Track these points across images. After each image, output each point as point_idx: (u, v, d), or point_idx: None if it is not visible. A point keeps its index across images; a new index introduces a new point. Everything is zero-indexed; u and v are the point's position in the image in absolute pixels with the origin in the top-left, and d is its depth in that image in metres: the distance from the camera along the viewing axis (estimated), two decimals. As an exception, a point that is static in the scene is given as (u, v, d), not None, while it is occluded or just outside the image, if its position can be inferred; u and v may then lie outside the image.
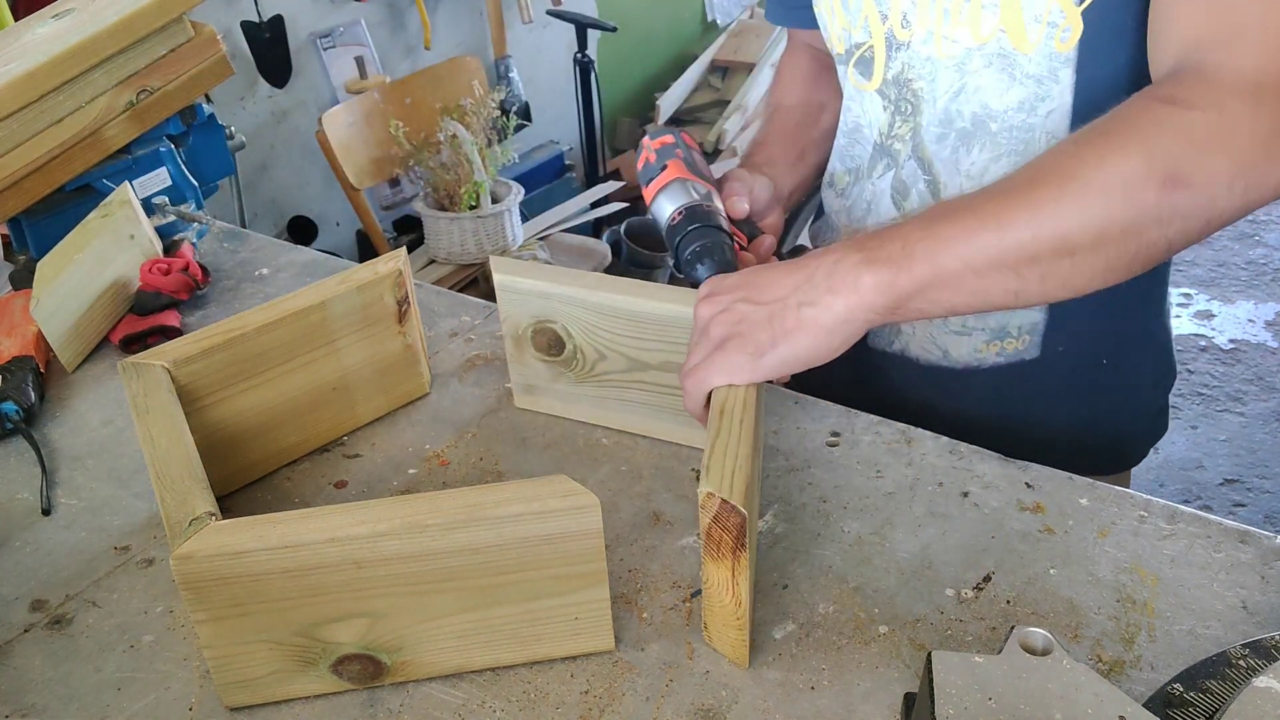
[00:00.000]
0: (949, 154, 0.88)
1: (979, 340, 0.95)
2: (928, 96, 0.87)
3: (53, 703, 0.69)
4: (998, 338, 0.94)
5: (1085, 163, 0.66)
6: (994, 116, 0.84)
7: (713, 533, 0.63)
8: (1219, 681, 0.58)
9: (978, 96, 0.84)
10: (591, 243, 2.81)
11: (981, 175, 0.86)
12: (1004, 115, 0.83)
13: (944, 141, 0.87)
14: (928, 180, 0.90)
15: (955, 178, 0.88)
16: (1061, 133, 0.82)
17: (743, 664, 0.68)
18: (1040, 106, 0.82)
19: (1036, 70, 0.80)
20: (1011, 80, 0.81)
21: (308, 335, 0.88)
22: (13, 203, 1.15)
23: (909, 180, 0.91)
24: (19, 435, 0.96)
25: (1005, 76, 0.82)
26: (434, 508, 0.64)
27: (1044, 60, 0.80)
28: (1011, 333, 0.94)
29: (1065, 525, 0.78)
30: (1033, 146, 0.83)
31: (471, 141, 2.47)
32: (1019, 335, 0.94)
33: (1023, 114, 0.83)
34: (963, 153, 0.87)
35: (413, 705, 0.67)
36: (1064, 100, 0.81)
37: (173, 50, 1.22)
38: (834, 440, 0.89)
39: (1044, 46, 0.79)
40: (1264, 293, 3.24)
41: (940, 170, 0.89)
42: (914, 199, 0.92)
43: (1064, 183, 0.66)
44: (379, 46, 2.87)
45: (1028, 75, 0.81)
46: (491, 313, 1.11)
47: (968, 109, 0.85)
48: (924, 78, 0.87)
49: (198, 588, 0.63)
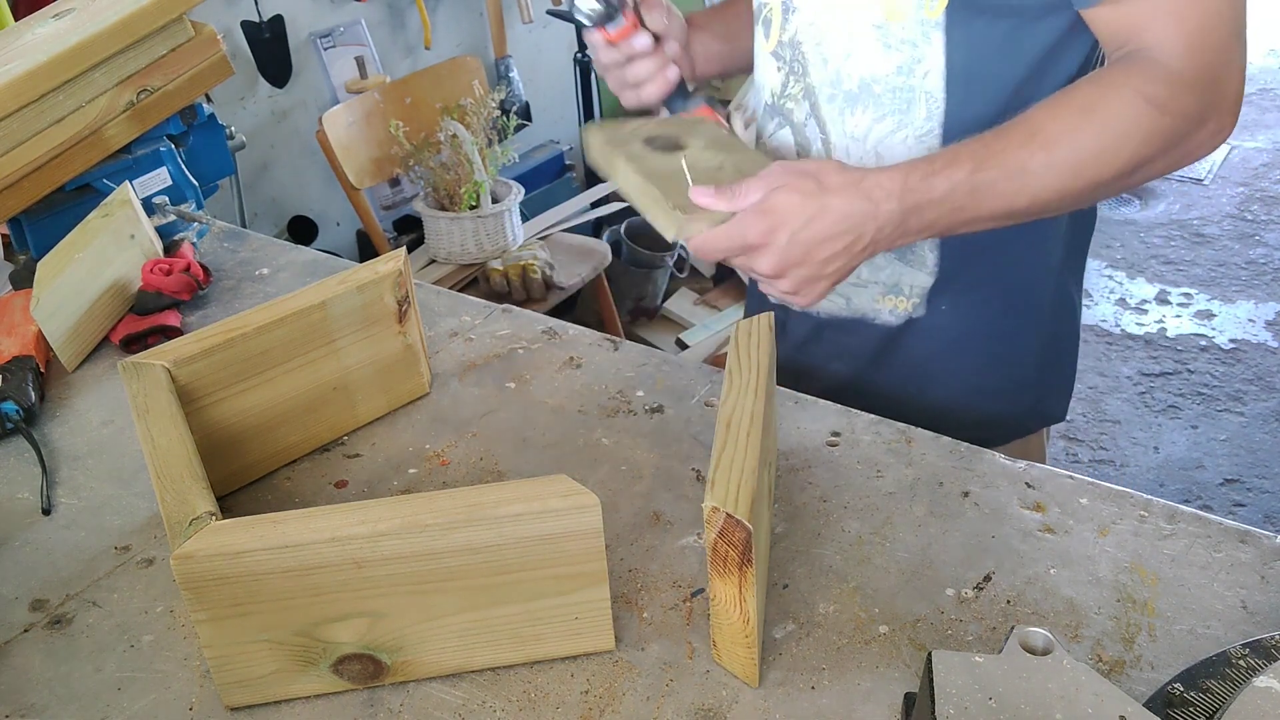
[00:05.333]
0: (837, 114, 0.93)
1: (874, 292, 1.00)
2: (816, 59, 0.93)
3: (53, 703, 0.69)
4: (891, 293, 1.00)
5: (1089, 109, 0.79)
6: (877, 80, 0.90)
7: (718, 548, 0.62)
8: (1219, 681, 0.58)
9: (863, 61, 0.90)
10: (592, 243, 2.81)
11: (865, 136, 0.92)
12: (885, 79, 0.89)
13: (833, 103, 0.93)
14: (823, 139, 0.96)
15: (841, 138, 0.94)
16: (938, 92, 0.88)
17: (753, 683, 0.66)
18: (917, 69, 0.88)
19: (910, 35, 0.87)
20: (888, 47, 0.88)
21: (308, 335, 0.88)
22: (13, 203, 1.15)
23: (811, 138, 0.97)
24: (19, 435, 0.96)
25: (882, 45, 0.88)
26: (434, 507, 0.64)
27: (916, 26, 0.86)
28: (904, 291, 0.99)
29: (1065, 525, 0.78)
30: (912, 106, 0.89)
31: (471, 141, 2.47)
32: (910, 295, 0.99)
33: (901, 77, 0.89)
34: (848, 113, 0.93)
35: (413, 705, 0.67)
36: (938, 62, 0.87)
37: (173, 50, 1.22)
38: (834, 440, 0.89)
39: (914, 14, 0.86)
40: (1264, 293, 3.24)
41: (831, 129, 0.95)
42: (814, 155, 0.96)
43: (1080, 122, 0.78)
44: (379, 46, 2.87)
45: (902, 41, 0.87)
46: (492, 312, 1.11)
47: (855, 73, 0.91)
48: (813, 41, 0.93)
49: (198, 587, 0.63)
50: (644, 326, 2.96)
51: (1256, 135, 4.24)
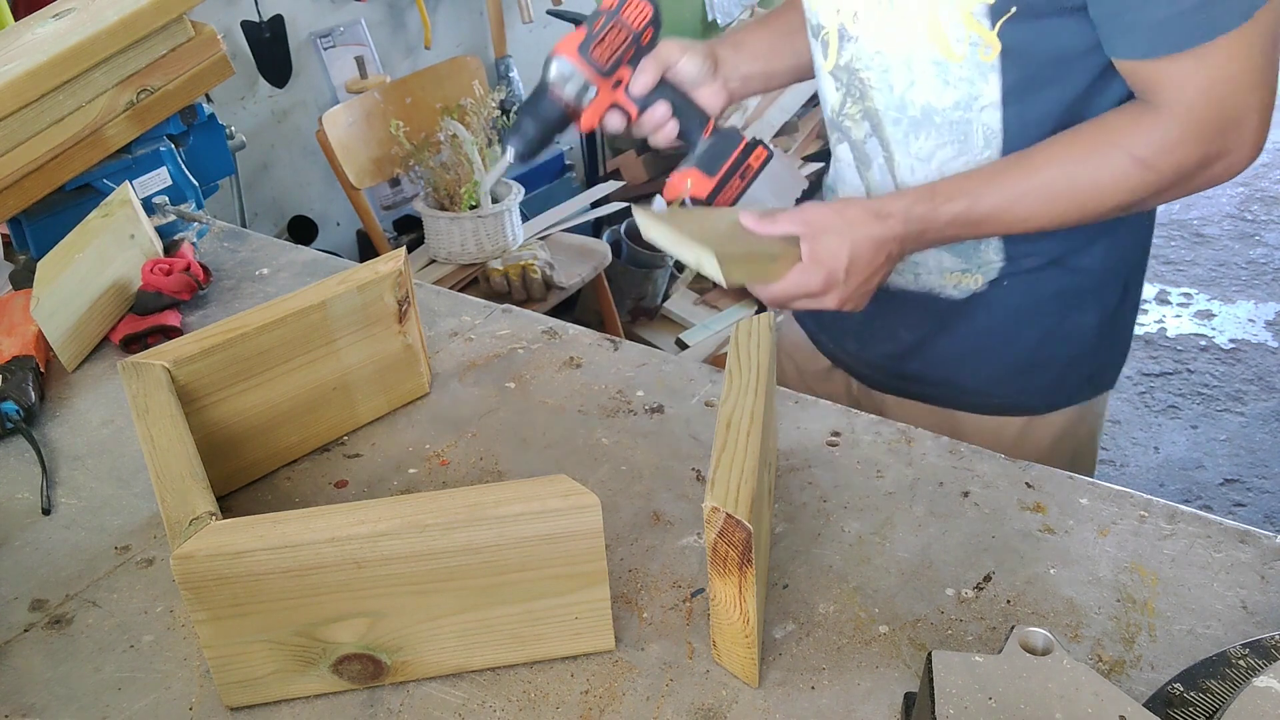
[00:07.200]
0: (902, 136, 0.98)
1: (944, 270, 1.03)
2: (880, 86, 0.97)
3: (53, 703, 0.69)
4: (960, 272, 1.03)
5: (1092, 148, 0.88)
6: (937, 111, 0.95)
7: (718, 548, 0.62)
8: (1219, 681, 0.58)
9: (925, 91, 0.94)
10: (592, 243, 2.80)
11: (929, 158, 0.97)
12: (944, 111, 0.95)
13: (898, 125, 0.98)
14: (885, 156, 1.01)
15: (906, 158, 0.99)
16: (994, 124, 0.93)
17: (753, 683, 0.66)
18: (974, 104, 0.93)
19: (968, 74, 0.91)
20: (946, 84, 0.93)
21: (308, 335, 0.88)
22: (13, 202, 1.15)
23: (871, 154, 1.02)
24: (19, 435, 0.96)
25: (941, 81, 0.93)
26: (434, 507, 0.64)
27: (973, 68, 0.91)
28: (973, 271, 1.02)
29: (1065, 525, 0.78)
30: (971, 137, 0.95)
31: (472, 141, 2.47)
32: (977, 272, 1.02)
33: (959, 110, 0.94)
34: (913, 137, 0.98)
35: (413, 705, 0.67)
36: (994, 98, 0.92)
37: (173, 50, 1.22)
38: (834, 440, 0.88)
39: (970, 58, 0.90)
40: (1264, 292, 3.24)
41: (895, 149, 1.00)
42: (875, 171, 1.02)
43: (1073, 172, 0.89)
44: (379, 46, 2.87)
45: (960, 79, 0.92)
46: (492, 312, 1.11)
47: (918, 101, 0.95)
48: (873, 69, 0.97)
49: (198, 587, 0.63)
50: (644, 326, 2.96)
51: (1256, 135, 4.23)
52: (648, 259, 2.93)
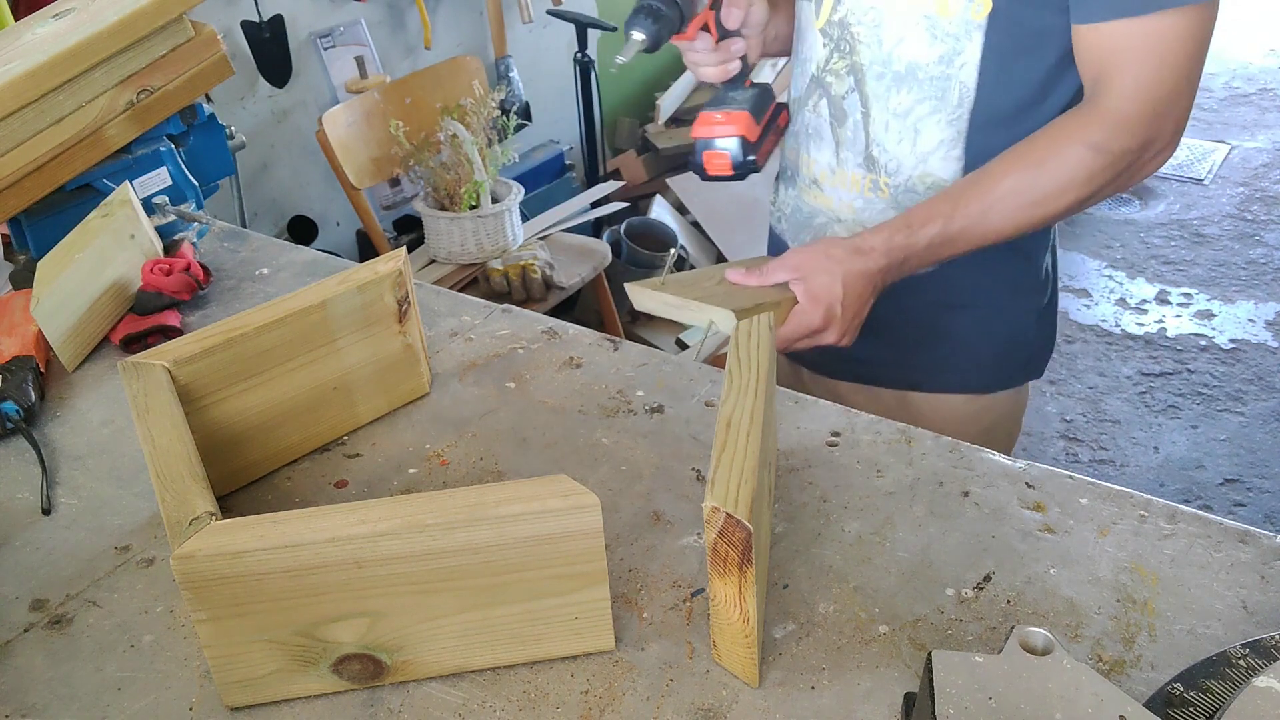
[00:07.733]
0: (884, 91, 1.04)
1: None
2: (869, 40, 1.03)
3: (53, 703, 0.69)
4: None
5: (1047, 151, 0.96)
6: (920, 67, 1.01)
7: (718, 548, 0.62)
8: (1219, 681, 0.58)
9: (912, 46, 1.01)
10: (592, 243, 2.80)
11: (907, 114, 1.04)
12: (927, 67, 1.01)
13: (881, 80, 1.04)
14: (863, 113, 1.07)
15: (883, 114, 1.05)
16: (971, 83, 1.00)
17: (753, 683, 0.67)
18: (956, 60, 0.99)
19: (954, 30, 0.98)
20: (934, 39, 0.99)
21: (308, 335, 0.88)
22: (13, 202, 1.15)
23: (849, 110, 1.08)
24: (19, 435, 0.96)
25: (929, 35, 0.99)
26: (434, 507, 0.64)
27: (961, 24, 0.97)
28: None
29: (1065, 525, 0.78)
30: (947, 94, 1.01)
31: (471, 141, 2.47)
32: None
33: (941, 66, 1.00)
34: (893, 92, 1.04)
35: (413, 705, 0.67)
36: (974, 57, 0.99)
37: (173, 50, 1.22)
38: (834, 440, 0.89)
39: (961, 14, 0.97)
40: (1264, 293, 3.24)
41: (874, 105, 1.06)
42: (848, 128, 1.09)
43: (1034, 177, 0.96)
44: (379, 46, 2.87)
45: (947, 34, 0.98)
46: (492, 312, 1.11)
47: (905, 56, 1.01)
48: (864, 24, 1.03)
49: (198, 587, 0.63)
50: (644, 326, 2.96)
51: (1256, 135, 4.24)
52: (648, 259, 2.93)
